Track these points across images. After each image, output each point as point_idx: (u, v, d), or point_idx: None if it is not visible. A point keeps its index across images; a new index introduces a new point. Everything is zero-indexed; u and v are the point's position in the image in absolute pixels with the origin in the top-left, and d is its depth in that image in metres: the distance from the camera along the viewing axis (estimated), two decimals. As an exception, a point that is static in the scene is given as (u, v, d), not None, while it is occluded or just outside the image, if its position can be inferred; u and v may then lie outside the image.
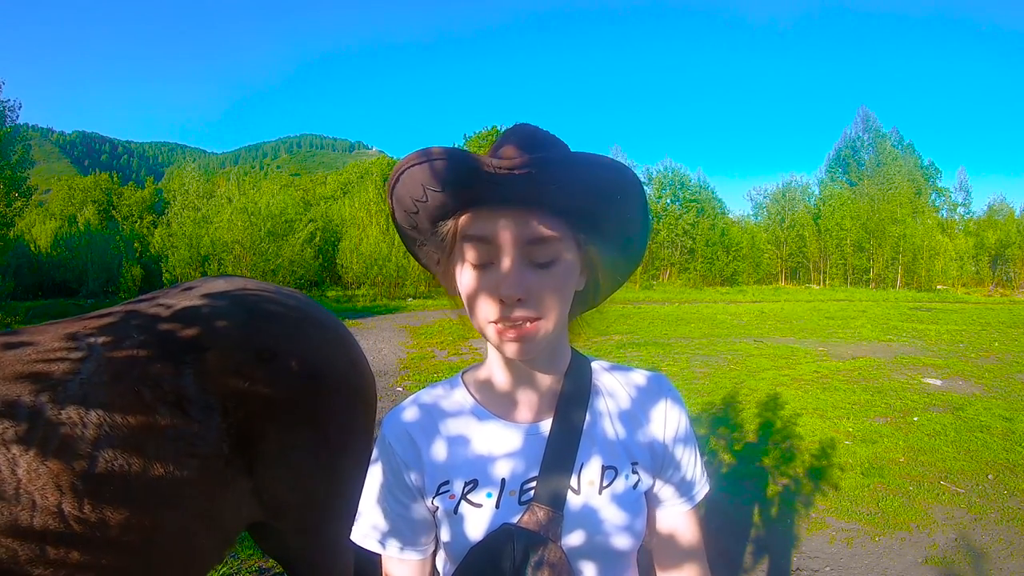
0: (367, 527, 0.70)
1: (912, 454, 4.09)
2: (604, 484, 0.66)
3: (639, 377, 0.74)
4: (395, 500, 0.69)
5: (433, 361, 7.83)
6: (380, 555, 0.71)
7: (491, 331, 0.61)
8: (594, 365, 0.74)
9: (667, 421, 0.70)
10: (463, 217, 0.61)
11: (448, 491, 0.67)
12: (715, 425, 4.80)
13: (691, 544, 0.72)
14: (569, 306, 0.64)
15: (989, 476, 3.67)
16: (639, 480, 0.68)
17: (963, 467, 3.82)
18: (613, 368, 0.75)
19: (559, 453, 0.65)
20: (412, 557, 0.70)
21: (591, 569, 0.66)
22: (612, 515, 0.65)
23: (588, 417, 0.68)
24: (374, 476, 0.71)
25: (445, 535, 0.68)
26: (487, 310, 0.60)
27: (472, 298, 0.62)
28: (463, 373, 0.74)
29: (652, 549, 0.74)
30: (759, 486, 3.55)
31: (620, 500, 0.66)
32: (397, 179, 0.60)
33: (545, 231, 0.58)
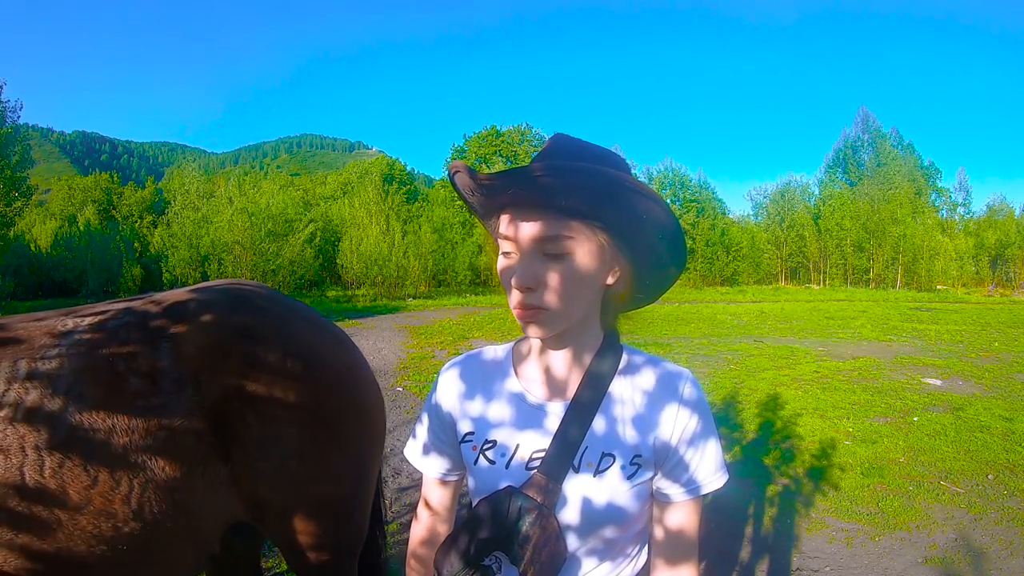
0: (416, 448, 0.87)
1: (912, 454, 4.09)
2: (600, 468, 0.71)
3: (663, 372, 0.76)
4: (435, 435, 0.84)
5: (433, 361, 7.82)
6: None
7: (515, 314, 0.70)
8: (628, 355, 0.78)
9: (677, 421, 0.73)
10: (501, 217, 0.72)
11: (471, 442, 0.79)
12: (715, 425, 4.79)
13: (684, 534, 0.74)
14: (587, 296, 0.71)
15: (989, 476, 3.67)
16: (637, 472, 0.72)
17: (963, 467, 3.82)
18: (645, 360, 0.78)
19: (568, 432, 0.72)
20: (448, 479, 0.86)
21: (581, 546, 0.72)
22: (601, 499, 0.71)
23: (605, 403, 0.74)
24: (428, 409, 0.86)
25: (467, 478, 0.82)
26: (510, 296, 0.70)
27: (503, 284, 0.72)
28: (516, 343, 0.85)
29: (651, 538, 0.77)
30: (759, 486, 3.54)
31: (612, 487, 0.71)
32: (453, 182, 0.74)
33: (555, 230, 0.66)
